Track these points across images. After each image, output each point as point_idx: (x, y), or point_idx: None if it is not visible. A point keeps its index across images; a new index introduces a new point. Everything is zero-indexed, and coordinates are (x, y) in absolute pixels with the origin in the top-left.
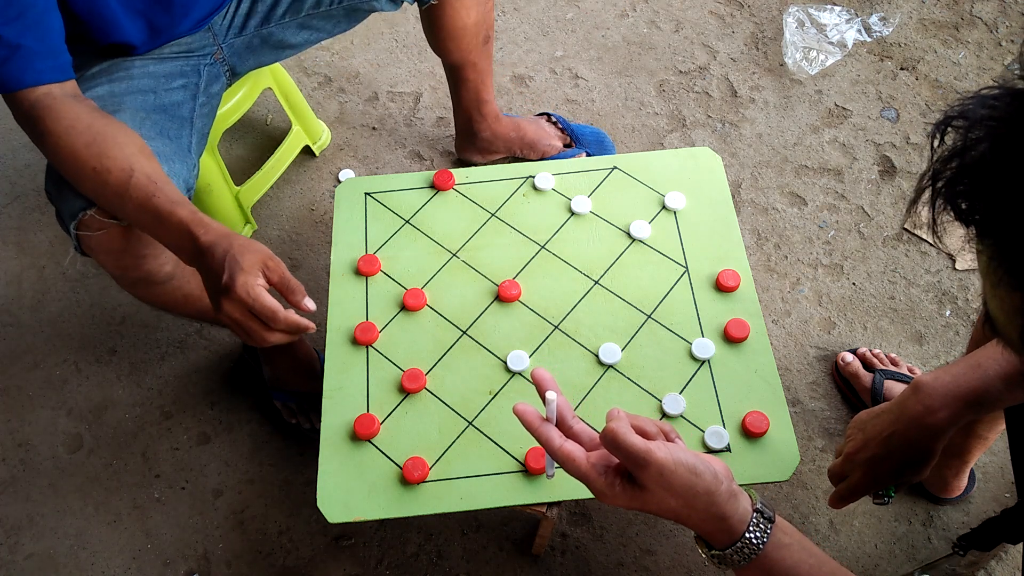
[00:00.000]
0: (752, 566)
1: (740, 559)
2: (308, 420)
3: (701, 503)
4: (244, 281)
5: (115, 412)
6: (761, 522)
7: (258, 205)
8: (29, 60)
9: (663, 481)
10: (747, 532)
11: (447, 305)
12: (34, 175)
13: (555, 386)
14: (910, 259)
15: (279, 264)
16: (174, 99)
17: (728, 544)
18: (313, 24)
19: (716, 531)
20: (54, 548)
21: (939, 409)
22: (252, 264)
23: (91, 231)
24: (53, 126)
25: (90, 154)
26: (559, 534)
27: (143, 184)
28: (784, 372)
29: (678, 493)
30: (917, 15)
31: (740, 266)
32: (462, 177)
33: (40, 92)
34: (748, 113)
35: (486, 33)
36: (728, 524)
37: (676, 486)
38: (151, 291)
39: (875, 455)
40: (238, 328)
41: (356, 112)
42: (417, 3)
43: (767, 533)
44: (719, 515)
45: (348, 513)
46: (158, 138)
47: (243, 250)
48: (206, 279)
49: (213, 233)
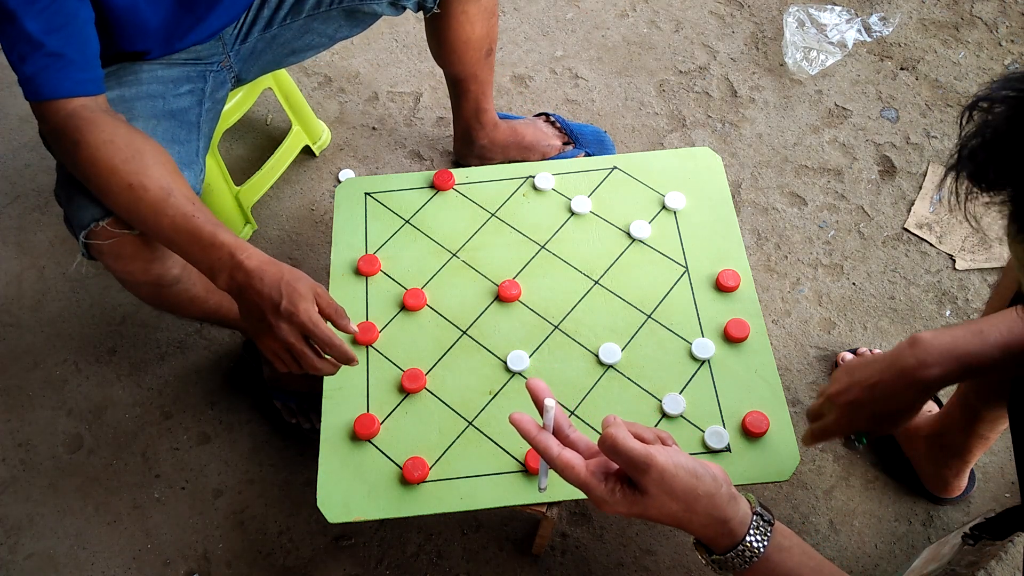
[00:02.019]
0: (753, 570)
1: (741, 563)
2: (308, 420)
3: (702, 506)
4: (307, 308)
5: (115, 412)
6: (761, 525)
7: (258, 205)
8: (68, 70)
9: (664, 485)
10: (747, 535)
11: (447, 305)
12: (34, 175)
13: (551, 395)
14: (910, 259)
15: (326, 291)
16: (182, 104)
17: (729, 548)
18: (314, 27)
19: (717, 535)
20: (54, 548)
21: (932, 365)
22: (308, 291)
23: (101, 240)
24: (92, 138)
25: (128, 170)
26: (559, 534)
27: (182, 204)
28: (784, 372)
29: (679, 497)
30: (917, 15)
31: (740, 266)
32: (462, 177)
33: (77, 104)
34: (748, 113)
35: (489, 46)
36: (729, 527)
37: (677, 489)
38: (158, 294)
39: (857, 399)
40: (285, 353)
41: (356, 112)
42: (421, 11)
43: (767, 536)
44: (720, 518)
45: (348, 513)
46: (169, 145)
47: (297, 278)
48: (251, 303)
49: (256, 258)
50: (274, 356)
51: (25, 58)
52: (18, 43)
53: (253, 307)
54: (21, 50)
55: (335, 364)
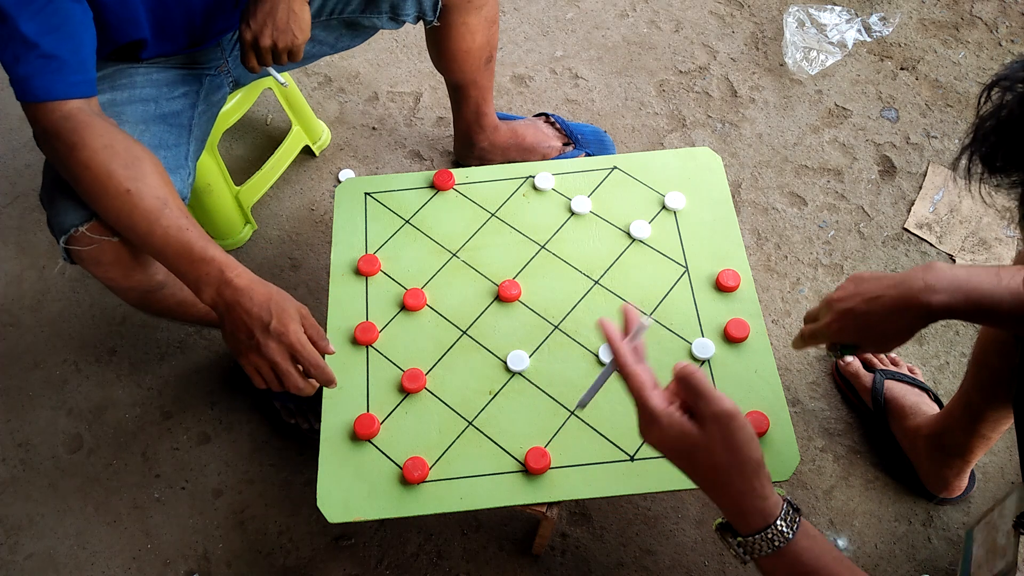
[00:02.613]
0: (777, 555)
1: (767, 548)
2: (307, 420)
3: (750, 470)
4: (296, 329)
5: (115, 412)
6: (791, 512)
7: (258, 205)
8: (62, 72)
9: (725, 429)
10: (778, 520)
11: (447, 305)
12: (34, 175)
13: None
14: (910, 259)
15: (309, 313)
16: (174, 108)
17: (758, 529)
18: (315, 36)
19: (751, 511)
20: (54, 548)
21: (940, 291)
22: (295, 313)
23: (81, 246)
24: (91, 142)
25: (127, 176)
26: (559, 534)
27: (176, 217)
28: (784, 372)
29: (735, 449)
30: (917, 15)
31: (740, 266)
32: (462, 177)
33: (72, 106)
34: (748, 113)
35: (489, 54)
36: (765, 505)
37: (735, 442)
38: (144, 299)
39: (853, 308)
40: (269, 371)
41: (356, 112)
42: (422, 22)
43: (796, 523)
44: (761, 493)
45: (348, 513)
46: (156, 150)
47: (284, 299)
48: (238, 320)
49: (246, 277)
50: (255, 373)
51: (19, 59)
52: (12, 43)
53: (240, 324)
54: (15, 51)
55: (314, 384)
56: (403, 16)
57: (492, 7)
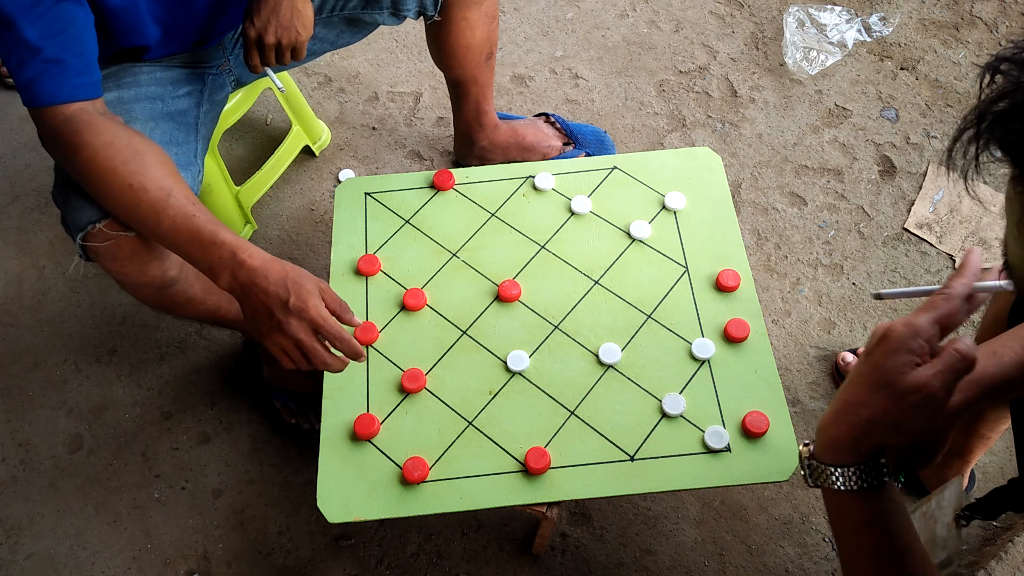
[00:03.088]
0: (873, 497)
1: (873, 482)
2: (308, 420)
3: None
4: (316, 303)
5: (115, 412)
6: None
7: (258, 205)
8: (66, 75)
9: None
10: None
11: (447, 305)
12: (34, 175)
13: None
14: (910, 259)
15: (329, 287)
16: (180, 106)
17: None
18: (316, 33)
19: (895, 439)
20: (54, 548)
21: (957, 391)
22: (314, 287)
23: (98, 242)
24: (92, 141)
25: (128, 171)
26: (559, 534)
27: (182, 204)
28: (784, 372)
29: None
30: (917, 15)
31: (740, 266)
32: (462, 177)
33: (75, 108)
34: (748, 113)
35: (490, 50)
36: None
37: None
38: (156, 295)
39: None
40: (295, 350)
41: (356, 112)
42: (422, 18)
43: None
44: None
45: (348, 513)
46: (167, 146)
47: (301, 274)
48: (256, 301)
49: (259, 256)
50: (281, 353)
51: (23, 64)
52: (16, 49)
53: (259, 305)
54: (19, 56)
55: (343, 360)
56: (404, 11)
57: (492, 3)
